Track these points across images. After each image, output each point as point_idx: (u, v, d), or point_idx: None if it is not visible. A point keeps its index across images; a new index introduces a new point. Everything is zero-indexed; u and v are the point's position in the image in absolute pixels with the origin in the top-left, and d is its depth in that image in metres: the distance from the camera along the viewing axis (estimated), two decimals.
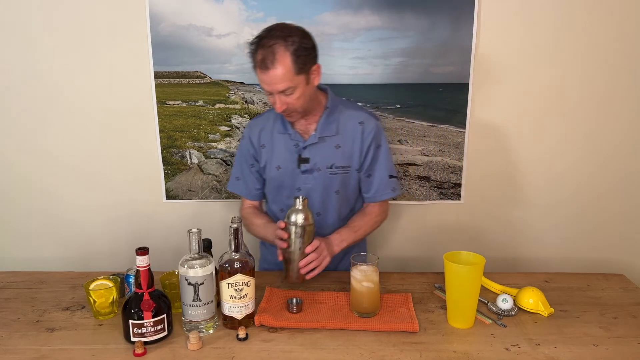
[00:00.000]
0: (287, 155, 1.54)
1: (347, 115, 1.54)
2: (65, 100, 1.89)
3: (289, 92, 1.37)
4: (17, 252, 2.04)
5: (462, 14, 1.78)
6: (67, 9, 1.80)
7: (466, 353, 1.16)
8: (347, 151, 1.53)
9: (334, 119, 1.52)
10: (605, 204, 1.98)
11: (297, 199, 1.39)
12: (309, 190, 1.54)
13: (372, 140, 1.53)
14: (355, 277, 1.33)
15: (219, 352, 1.17)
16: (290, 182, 1.56)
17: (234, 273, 1.23)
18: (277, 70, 1.33)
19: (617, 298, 1.44)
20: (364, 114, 1.55)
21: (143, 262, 1.19)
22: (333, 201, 1.57)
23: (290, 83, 1.35)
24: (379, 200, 1.60)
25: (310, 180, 1.54)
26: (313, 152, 1.53)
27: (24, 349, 1.20)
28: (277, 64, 1.32)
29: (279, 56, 1.32)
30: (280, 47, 1.32)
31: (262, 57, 1.33)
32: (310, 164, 1.53)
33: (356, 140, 1.52)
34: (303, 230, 1.39)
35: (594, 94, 1.87)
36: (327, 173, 1.53)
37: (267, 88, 1.38)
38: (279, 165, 1.56)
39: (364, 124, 1.53)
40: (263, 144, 1.58)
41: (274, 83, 1.35)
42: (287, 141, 1.54)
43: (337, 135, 1.52)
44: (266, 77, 1.35)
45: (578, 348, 1.18)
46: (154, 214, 2.01)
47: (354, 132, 1.52)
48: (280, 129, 1.55)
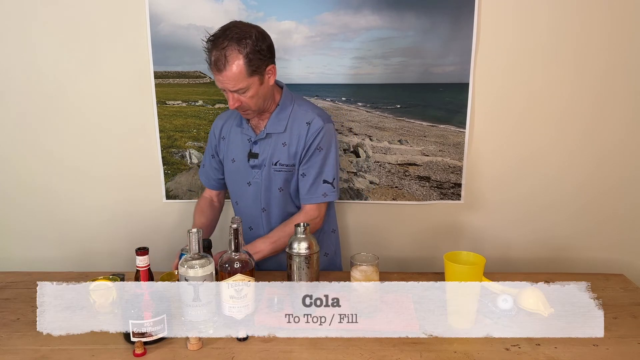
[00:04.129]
0: (240, 149, 1.58)
1: (298, 114, 1.53)
2: (65, 100, 1.89)
3: (242, 91, 1.40)
4: (17, 252, 2.04)
5: (462, 14, 1.78)
6: (67, 9, 1.80)
7: (466, 353, 1.16)
8: (293, 150, 1.53)
9: (283, 116, 1.52)
10: (605, 204, 1.98)
11: (299, 227, 1.38)
12: (257, 185, 1.57)
13: (313, 141, 1.50)
14: (355, 277, 1.33)
15: (219, 352, 1.17)
16: (242, 176, 1.59)
17: (234, 273, 1.23)
18: (228, 72, 1.35)
19: (617, 298, 1.44)
20: (314, 115, 1.52)
21: (143, 262, 1.19)
22: (277, 198, 1.57)
23: (242, 84, 1.38)
24: (309, 203, 1.56)
25: (257, 175, 1.56)
26: (262, 147, 1.55)
27: (23, 349, 1.20)
28: (228, 66, 1.35)
29: (231, 59, 1.34)
30: (233, 50, 1.34)
31: (216, 59, 1.35)
32: (258, 159, 1.55)
33: (300, 139, 1.52)
34: (308, 260, 1.38)
35: (594, 93, 1.87)
36: (272, 169, 1.54)
37: (220, 86, 1.41)
38: (234, 159, 1.59)
39: (310, 124, 1.50)
40: (223, 136, 1.62)
41: (226, 82, 1.38)
42: (243, 135, 1.57)
43: (284, 133, 1.52)
44: (219, 77, 1.38)
45: (578, 348, 1.18)
46: (154, 214, 2.01)
47: (300, 130, 1.51)
48: (237, 123, 1.58)
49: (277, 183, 1.55)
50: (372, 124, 1.91)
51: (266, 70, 1.41)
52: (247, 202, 1.61)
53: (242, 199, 1.63)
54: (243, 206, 1.63)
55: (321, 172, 1.54)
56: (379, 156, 1.94)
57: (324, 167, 1.54)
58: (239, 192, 1.62)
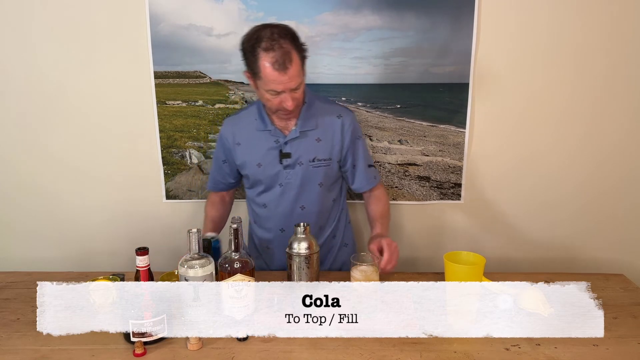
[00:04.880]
0: (267, 152, 1.55)
1: (325, 110, 1.57)
2: (65, 100, 1.89)
3: (298, 87, 1.40)
4: (17, 252, 2.04)
5: (462, 14, 1.78)
6: (67, 9, 1.80)
7: (466, 353, 1.16)
8: (328, 144, 1.55)
9: (312, 113, 1.54)
10: (605, 204, 1.98)
11: (299, 227, 1.38)
12: (290, 185, 1.56)
13: (352, 133, 1.57)
14: (355, 277, 1.33)
15: (219, 352, 1.17)
16: (272, 179, 1.57)
17: (234, 273, 1.23)
18: (293, 70, 1.35)
19: (617, 298, 1.44)
20: (340, 108, 1.60)
21: (143, 262, 1.19)
22: (316, 194, 1.58)
23: (300, 80, 1.39)
24: (367, 189, 1.65)
25: (291, 175, 1.56)
26: (294, 146, 1.54)
27: (23, 349, 1.20)
28: (293, 64, 1.34)
29: (292, 56, 1.34)
30: (290, 47, 1.34)
31: (278, 59, 1.32)
32: (292, 158, 1.54)
33: (336, 133, 1.55)
34: (308, 260, 1.38)
35: (594, 93, 1.87)
36: (309, 166, 1.55)
37: (278, 88, 1.37)
38: (260, 163, 1.57)
39: (343, 117, 1.57)
40: (238, 142, 1.59)
41: (290, 82, 1.36)
42: (267, 138, 1.55)
43: (317, 129, 1.54)
44: (284, 78, 1.35)
45: (578, 348, 1.18)
46: (154, 214, 2.01)
47: (333, 125, 1.55)
48: (259, 126, 1.56)
49: (317, 179, 1.57)
50: (372, 124, 1.91)
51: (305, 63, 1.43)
52: (279, 204, 1.59)
53: (272, 202, 1.60)
54: (273, 208, 1.61)
55: (365, 157, 1.63)
56: (379, 156, 1.94)
57: (365, 153, 1.63)
58: (269, 195, 1.60)
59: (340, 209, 1.69)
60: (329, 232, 1.66)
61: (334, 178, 1.61)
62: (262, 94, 1.42)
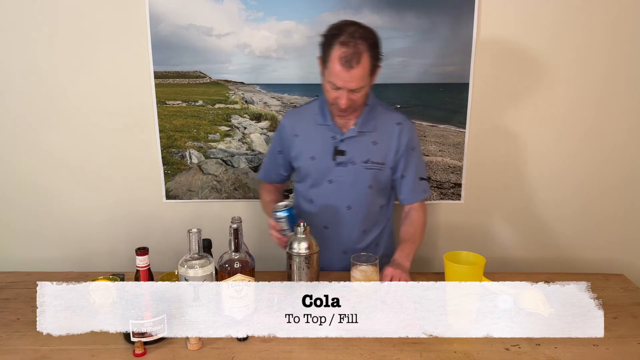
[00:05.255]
0: (323, 146, 1.56)
1: (386, 115, 1.58)
2: (65, 100, 1.89)
3: (358, 90, 1.41)
4: (17, 252, 2.04)
5: (462, 14, 1.78)
6: (67, 9, 1.80)
7: (466, 353, 1.16)
8: (384, 149, 1.56)
9: (372, 116, 1.56)
10: (605, 204, 1.98)
11: (299, 227, 1.39)
12: (340, 183, 1.56)
13: (407, 142, 1.57)
14: (355, 277, 1.33)
15: (219, 352, 1.17)
16: (323, 173, 1.58)
17: (234, 273, 1.23)
18: (358, 71, 1.36)
19: (617, 298, 1.44)
20: (402, 116, 1.59)
21: (143, 262, 1.20)
22: (365, 195, 1.58)
23: (363, 83, 1.40)
24: (414, 202, 1.63)
25: (343, 173, 1.56)
26: (350, 145, 1.55)
27: (23, 349, 1.20)
28: (360, 65, 1.35)
29: (362, 57, 1.35)
30: (364, 48, 1.35)
31: (346, 55, 1.34)
32: (346, 156, 1.55)
33: (393, 140, 1.56)
34: (308, 260, 1.38)
35: (594, 93, 1.87)
36: (361, 167, 1.55)
37: (339, 84, 1.39)
38: (314, 156, 1.57)
39: (402, 124, 1.57)
40: (297, 134, 1.60)
41: (350, 82, 1.37)
42: (324, 132, 1.56)
43: (375, 132, 1.55)
44: (345, 76, 1.36)
45: (578, 348, 1.19)
46: (154, 214, 2.01)
47: (391, 131, 1.56)
48: (319, 120, 1.57)
49: (367, 180, 1.57)
50: None
51: (376, 71, 1.44)
52: (326, 200, 1.59)
53: (320, 197, 1.60)
54: (321, 204, 1.60)
55: (418, 170, 1.61)
56: None
57: (419, 165, 1.62)
58: (317, 190, 1.60)
59: (387, 218, 1.68)
60: (372, 239, 1.65)
61: (384, 183, 1.60)
62: (324, 83, 1.45)
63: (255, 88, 1.89)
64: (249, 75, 1.87)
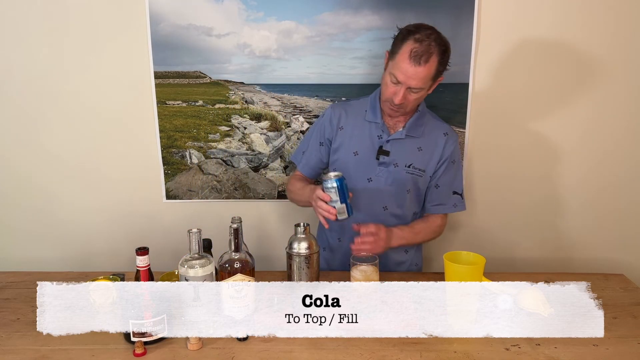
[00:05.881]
0: (368, 143, 1.57)
1: (434, 124, 1.60)
2: (65, 100, 1.89)
3: (416, 90, 1.41)
4: (17, 252, 2.04)
5: (462, 14, 1.78)
6: (67, 8, 1.80)
7: (466, 353, 1.16)
8: (427, 156, 1.57)
9: (421, 122, 1.57)
10: (605, 204, 1.98)
11: (299, 227, 1.39)
12: (380, 182, 1.56)
13: (450, 154, 1.58)
14: (355, 277, 1.33)
15: (219, 352, 1.17)
16: (364, 170, 1.57)
17: (234, 273, 1.23)
18: (424, 69, 1.37)
19: (617, 298, 1.44)
20: (448, 127, 1.61)
21: (143, 262, 1.20)
22: (402, 199, 1.59)
23: (423, 84, 1.40)
24: (438, 212, 1.64)
25: (383, 173, 1.56)
26: (395, 147, 1.55)
27: (24, 349, 1.20)
28: (427, 64, 1.36)
29: (432, 58, 1.36)
30: (436, 50, 1.37)
31: (418, 51, 1.36)
32: (389, 157, 1.55)
33: (437, 149, 1.57)
34: (308, 260, 1.38)
35: (594, 91, 1.87)
36: (403, 171, 1.56)
37: (401, 78, 1.39)
38: (357, 152, 1.57)
39: (448, 135, 1.58)
40: (342, 127, 1.60)
41: (413, 79, 1.38)
42: (372, 130, 1.57)
43: (421, 138, 1.56)
44: (411, 71, 1.37)
45: (578, 348, 1.19)
46: (154, 214, 2.01)
47: (437, 140, 1.57)
48: (369, 117, 1.58)
49: (406, 184, 1.57)
50: None
51: (438, 80, 1.45)
52: (364, 198, 1.57)
53: (357, 193, 1.57)
54: (357, 201, 1.55)
55: (453, 183, 1.62)
56: None
57: (455, 179, 1.62)
58: (356, 186, 1.56)
59: None
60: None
61: (422, 190, 1.61)
62: (385, 76, 1.46)
63: (255, 88, 1.89)
64: (249, 75, 1.87)
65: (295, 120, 1.92)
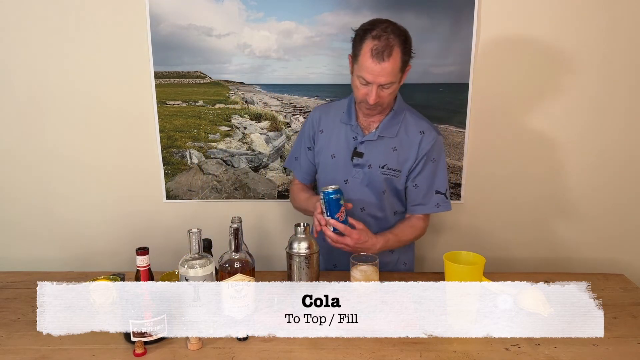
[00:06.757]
0: (343, 145, 1.57)
1: (410, 122, 1.56)
2: (65, 100, 1.90)
3: (387, 86, 1.40)
4: (17, 252, 2.04)
5: (462, 14, 1.78)
6: (67, 9, 1.80)
7: (466, 353, 1.16)
8: (403, 156, 1.54)
9: (396, 121, 1.54)
10: (605, 204, 1.98)
11: (299, 227, 1.39)
12: (355, 184, 1.56)
13: (427, 152, 1.54)
14: (355, 277, 1.33)
15: (219, 352, 1.17)
16: (341, 173, 1.57)
17: (234, 273, 1.23)
18: (389, 64, 1.35)
19: (617, 298, 1.44)
20: (427, 125, 1.56)
21: (143, 262, 1.20)
22: (378, 200, 1.57)
23: (393, 78, 1.39)
24: (420, 212, 1.60)
25: (359, 174, 1.56)
26: (369, 148, 1.54)
27: (24, 349, 1.20)
28: (391, 58, 1.35)
29: (394, 51, 1.35)
30: (396, 42, 1.36)
31: (378, 48, 1.35)
32: (363, 159, 1.54)
33: (413, 148, 1.54)
34: (308, 260, 1.38)
35: (594, 91, 1.87)
36: (377, 172, 1.54)
37: (369, 78, 1.38)
38: (334, 154, 1.58)
39: (424, 134, 1.54)
40: (322, 129, 1.60)
41: (381, 75, 1.37)
42: (347, 132, 1.56)
43: (396, 138, 1.54)
44: (377, 69, 1.36)
45: (578, 348, 1.19)
46: (154, 214, 2.01)
47: (413, 139, 1.54)
48: (344, 119, 1.57)
49: (381, 186, 1.56)
50: None
51: (407, 69, 1.44)
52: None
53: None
54: None
55: (433, 183, 1.57)
56: None
57: (435, 178, 1.57)
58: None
59: None
60: None
61: (399, 191, 1.59)
62: (354, 79, 1.45)
63: (255, 88, 1.89)
64: (249, 76, 1.87)
65: (295, 120, 1.92)
